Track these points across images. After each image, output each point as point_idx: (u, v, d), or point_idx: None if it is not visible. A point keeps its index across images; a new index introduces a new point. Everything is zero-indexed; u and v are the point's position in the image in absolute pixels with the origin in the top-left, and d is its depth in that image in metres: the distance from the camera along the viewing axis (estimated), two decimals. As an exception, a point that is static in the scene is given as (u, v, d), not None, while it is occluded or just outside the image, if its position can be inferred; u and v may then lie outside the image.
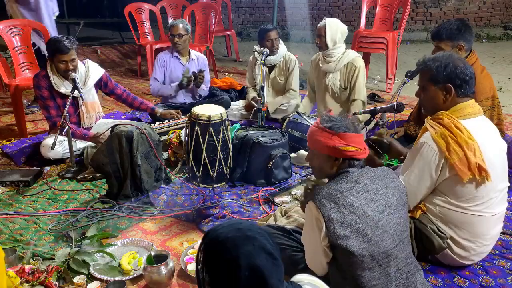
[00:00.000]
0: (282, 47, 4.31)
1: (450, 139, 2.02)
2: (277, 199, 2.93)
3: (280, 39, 4.30)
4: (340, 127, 1.81)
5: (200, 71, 4.25)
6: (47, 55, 3.42)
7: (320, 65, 3.87)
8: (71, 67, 3.35)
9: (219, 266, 1.22)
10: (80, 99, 3.48)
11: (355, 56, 3.79)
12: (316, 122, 1.88)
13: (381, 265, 1.73)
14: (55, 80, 3.42)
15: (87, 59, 3.64)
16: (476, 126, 2.09)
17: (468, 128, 2.05)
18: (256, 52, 4.32)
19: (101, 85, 3.71)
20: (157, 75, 4.34)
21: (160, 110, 3.92)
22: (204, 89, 4.37)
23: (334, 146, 1.80)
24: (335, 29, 3.72)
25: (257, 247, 1.22)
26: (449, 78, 2.11)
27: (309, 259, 1.91)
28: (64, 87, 3.44)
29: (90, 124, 3.68)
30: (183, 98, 4.39)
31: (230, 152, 3.18)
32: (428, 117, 2.19)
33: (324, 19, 3.78)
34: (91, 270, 2.25)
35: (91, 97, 3.61)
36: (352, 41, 5.59)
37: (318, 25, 3.80)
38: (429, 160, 2.07)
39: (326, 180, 1.93)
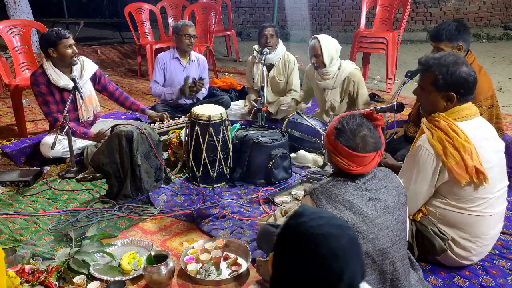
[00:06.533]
0: (280, 47, 4.30)
1: (447, 143, 2.00)
2: (277, 199, 2.93)
3: (279, 40, 4.30)
4: (342, 135, 1.74)
5: (200, 79, 4.24)
6: (43, 49, 3.47)
7: (318, 82, 3.79)
8: (76, 50, 3.47)
9: (311, 265, 1.10)
10: (79, 99, 3.50)
11: (352, 69, 3.68)
12: (338, 118, 1.81)
13: (375, 262, 1.74)
14: (52, 74, 3.44)
15: (81, 56, 3.68)
16: (473, 128, 2.07)
17: (465, 130, 2.03)
18: (255, 51, 4.32)
19: (95, 80, 3.73)
20: (157, 78, 4.33)
21: (150, 112, 3.93)
22: (202, 92, 4.37)
23: (325, 146, 1.84)
24: (330, 46, 3.59)
25: (359, 269, 1.14)
26: (454, 86, 2.05)
27: None
28: (62, 81, 3.46)
29: (88, 117, 3.68)
30: (183, 98, 4.39)
31: (230, 152, 3.19)
32: (424, 118, 2.16)
33: (315, 37, 3.62)
34: (91, 270, 2.25)
35: (88, 91, 3.62)
36: (352, 41, 5.59)
37: (311, 44, 3.61)
38: (426, 164, 2.05)
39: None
